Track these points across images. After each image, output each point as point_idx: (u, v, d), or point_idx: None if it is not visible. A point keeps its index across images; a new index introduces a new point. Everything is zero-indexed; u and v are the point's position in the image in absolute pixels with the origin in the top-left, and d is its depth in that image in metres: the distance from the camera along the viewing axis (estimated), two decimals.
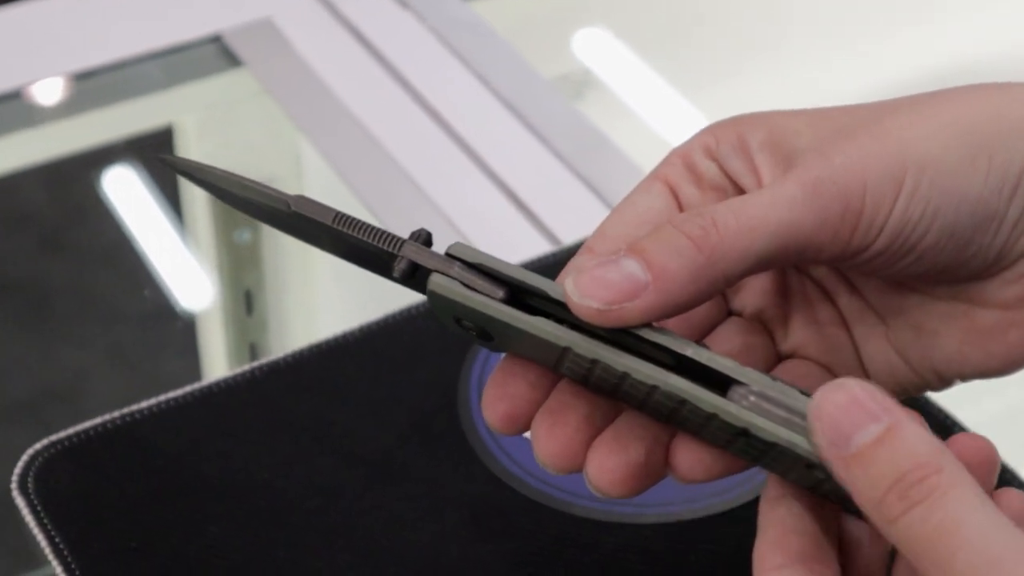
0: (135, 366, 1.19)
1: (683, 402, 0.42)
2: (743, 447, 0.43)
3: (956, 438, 0.43)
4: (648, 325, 0.43)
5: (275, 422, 0.63)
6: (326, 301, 0.96)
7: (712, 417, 0.42)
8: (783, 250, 0.43)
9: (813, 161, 0.44)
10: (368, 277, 0.46)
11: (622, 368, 0.42)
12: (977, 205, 0.44)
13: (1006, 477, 0.63)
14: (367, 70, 0.87)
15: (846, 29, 1.25)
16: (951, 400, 0.64)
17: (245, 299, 0.95)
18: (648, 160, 0.57)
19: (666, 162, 0.48)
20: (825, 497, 0.43)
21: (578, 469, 0.45)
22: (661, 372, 0.42)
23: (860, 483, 0.39)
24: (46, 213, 1.16)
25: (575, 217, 0.78)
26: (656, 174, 0.48)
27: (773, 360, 0.49)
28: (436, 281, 0.43)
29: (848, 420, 0.39)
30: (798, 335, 0.49)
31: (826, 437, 0.39)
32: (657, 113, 1.07)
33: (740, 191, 0.47)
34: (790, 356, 0.49)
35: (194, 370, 0.98)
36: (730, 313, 0.49)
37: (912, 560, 0.38)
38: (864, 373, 0.49)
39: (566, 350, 0.43)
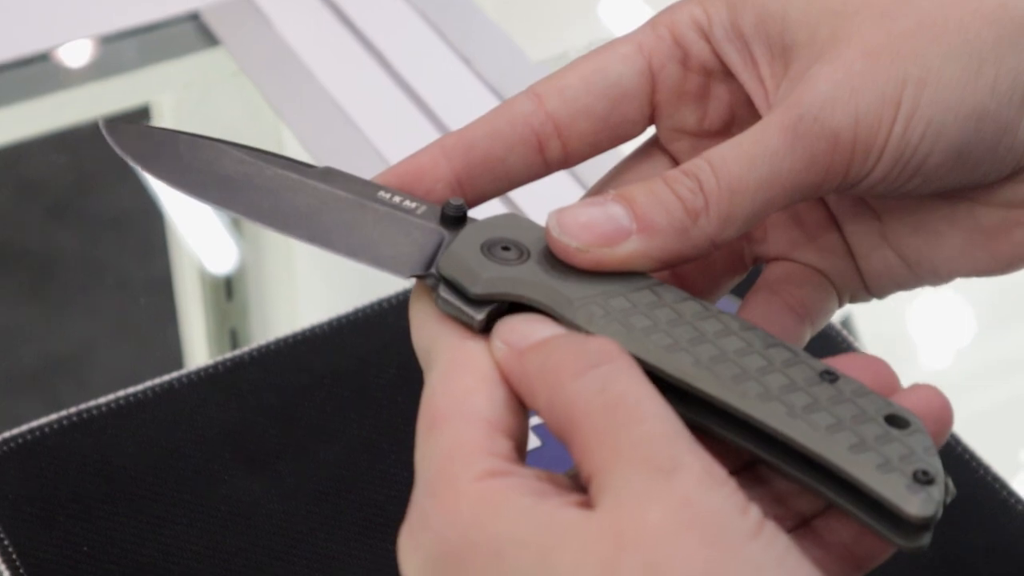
0: (128, 342, 1.17)
1: (772, 341, 0.41)
2: (803, 405, 0.39)
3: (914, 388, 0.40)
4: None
5: (237, 421, 0.61)
6: (308, 286, 0.94)
7: (795, 357, 0.40)
8: (771, 202, 0.42)
9: (799, 94, 0.42)
10: (349, 263, 0.45)
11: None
12: (984, 119, 0.42)
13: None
14: (348, 50, 0.85)
15: None
16: None
17: (225, 284, 0.93)
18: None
19: (652, 32, 0.45)
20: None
21: None
22: None
23: None
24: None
25: (557, 205, 0.75)
26: (639, 42, 0.45)
27: (739, 263, 0.47)
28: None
29: None
30: (780, 235, 0.47)
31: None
32: None
33: (732, 78, 0.45)
34: (775, 259, 0.47)
35: (175, 357, 0.96)
36: None
37: None
38: (859, 274, 0.46)
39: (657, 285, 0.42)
